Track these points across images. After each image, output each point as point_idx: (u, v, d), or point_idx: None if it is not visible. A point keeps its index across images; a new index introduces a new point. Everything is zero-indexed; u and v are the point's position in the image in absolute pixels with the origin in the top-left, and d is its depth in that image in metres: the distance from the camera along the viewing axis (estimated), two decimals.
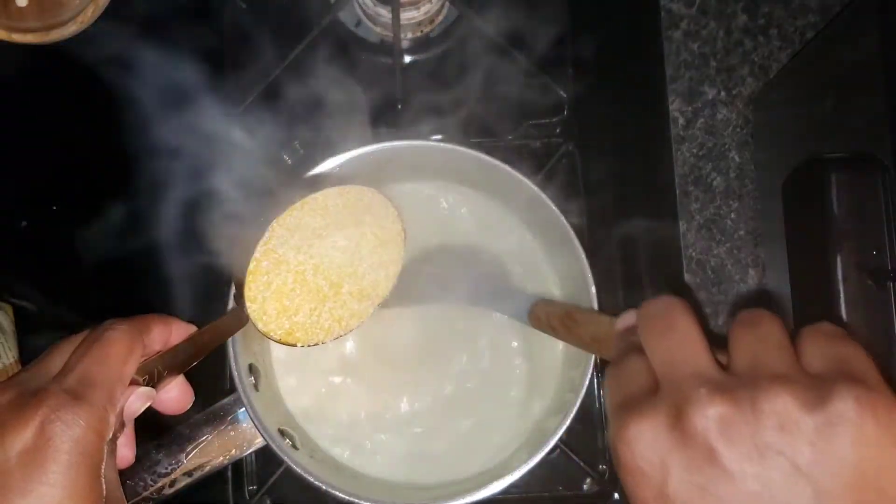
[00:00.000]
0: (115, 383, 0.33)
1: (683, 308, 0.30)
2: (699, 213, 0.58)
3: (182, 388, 0.38)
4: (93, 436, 0.31)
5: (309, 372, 0.52)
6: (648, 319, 0.30)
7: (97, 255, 0.57)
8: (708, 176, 0.59)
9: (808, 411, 0.24)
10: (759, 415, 0.25)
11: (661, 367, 0.28)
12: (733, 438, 0.25)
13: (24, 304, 0.56)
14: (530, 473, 0.44)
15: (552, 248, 0.51)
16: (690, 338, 0.28)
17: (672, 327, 0.29)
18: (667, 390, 0.27)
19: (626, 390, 0.29)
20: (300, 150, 0.58)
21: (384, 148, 0.47)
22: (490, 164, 0.47)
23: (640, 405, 0.27)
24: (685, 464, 0.25)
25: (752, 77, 0.59)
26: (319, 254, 0.42)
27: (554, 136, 0.57)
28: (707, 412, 0.25)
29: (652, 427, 0.26)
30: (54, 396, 0.31)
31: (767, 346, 0.27)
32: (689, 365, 0.27)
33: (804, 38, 0.59)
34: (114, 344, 0.34)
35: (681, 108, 0.59)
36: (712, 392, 0.26)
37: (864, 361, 0.26)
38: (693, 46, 0.59)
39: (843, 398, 0.24)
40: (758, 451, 0.25)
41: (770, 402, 0.25)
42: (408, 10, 0.56)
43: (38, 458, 0.30)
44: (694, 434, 0.25)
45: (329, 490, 0.44)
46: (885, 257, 0.40)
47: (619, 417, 0.27)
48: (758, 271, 0.58)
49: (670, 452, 0.26)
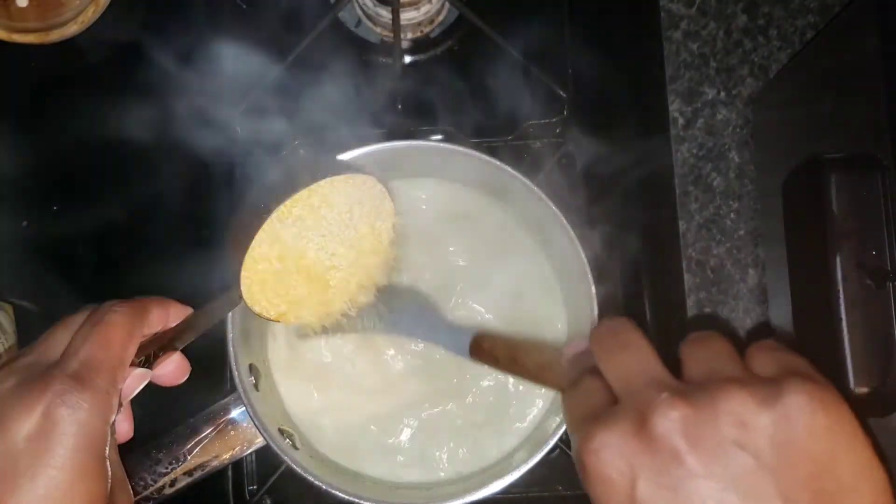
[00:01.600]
0: (116, 367, 0.34)
1: (633, 326, 0.31)
2: (699, 213, 0.59)
3: (178, 364, 0.38)
4: (97, 419, 0.32)
5: (309, 371, 0.52)
6: (601, 338, 0.32)
7: (97, 255, 0.58)
8: (708, 176, 0.59)
9: (763, 407, 0.26)
10: (719, 414, 0.26)
11: (618, 382, 0.29)
12: (697, 438, 0.26)
13: (24, 304, 0.56)
14: (530, 473, 0.44)
15: (552, 248, 0.51)
16: (644, 352, 0.30)
17: (625, 343, 0.30)
18: (627, 400, 0.28)
19: (585, 407, 0.30)
20: (300, 150, 0.58)
21: (384, 148, 0.47)
22: (490, 164, 0.47)
23: (603, 416, 0.28)
24: (652, 467, 0.26)
25: (752, 77, 0.59)
26: (317, 240, 0.42)
27: (554, 136, 0.57)
28: (669, 415, 0.26)
29: (617, 434, 0.27)
30: (59, 381, 0.31)
31: (719, 356, 0.29)
32: (646, 375, 0.29)
33: (804, 38, 0.59)
34: (115, 328, 0.34)
35: (681, 108, 0.59)
36: (673, 396, 0.27)
37: (808, 365, 0.28)
38: (693, 47, 0.59)
39: (795, 392, 0.26)
40: (721, 449, 0.25)
41: (728, 401, 0.26)
42: (408, 11, 0.56)
43: (44, 442, 0.30)
44: (659, 437, 0.26)
45: (329, 490, 0.44)
46: (884, 257, 0.40)
47: (582, 430, 0.28)
48: (758, 271, 0.58)
49: (637, 457, 0.26)
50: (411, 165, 0.51)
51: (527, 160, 0.57)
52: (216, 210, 0.57)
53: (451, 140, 0.56)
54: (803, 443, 0.25)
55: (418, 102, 0.56)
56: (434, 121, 0.57)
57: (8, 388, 0.32)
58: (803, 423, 0.25)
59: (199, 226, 0.58)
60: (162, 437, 0.45)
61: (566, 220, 0.46)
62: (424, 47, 0.59)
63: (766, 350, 0.29)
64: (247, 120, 0.57)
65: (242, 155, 0.57)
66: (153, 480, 0.44)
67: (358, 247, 0.43)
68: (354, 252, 0.43)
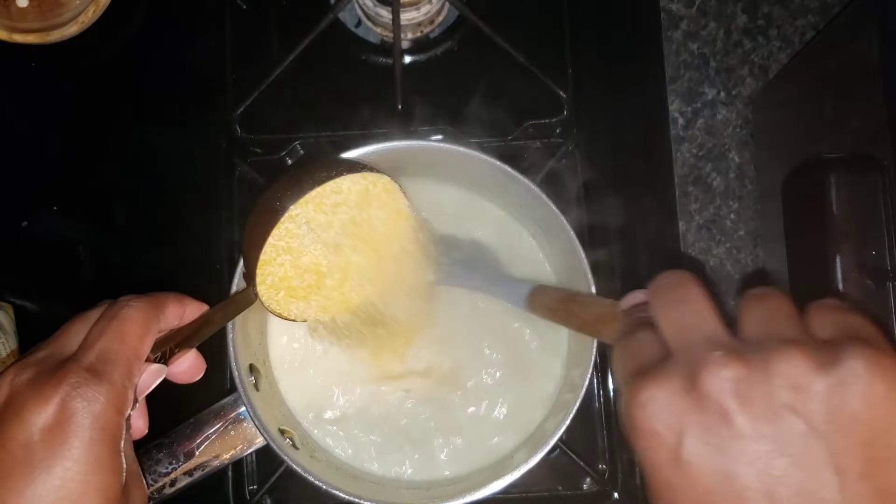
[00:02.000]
0: (133, 361, 0.34)
1: (694, 280, 0.30)
2: (699, 214, 0.59)
3: (194, 361, 0.39)
4: (113, 412, 0.32)
5: (309, 371, 0.52)
6: (660, 291, 0.31)
7: (97, 255, 0.58)
8: (708, 176, 0.59)
9: (819, 372, 0.25)
10: (773, 376, 0.25)
11: (673, 336, 0.29)
12: (748, 399, 0.25)
13: (24, 304, 0.56)
14: (530, 473, 0.44)
15: (552, 247, 0.51)
16: (702, 307, 0.29)
17: (684, 298, 0.29)
18: (680, 356, 0.28)
19: (637, 359, 0.29)
20: (300, 150, 0.58)
21: (384, 148, 0.47)
22: (490, 164, 0.47)
23: (654, 370, 0.27)
24: (700, 425, 0.25)
25: (752, 77, 0.59)
26: (331, 238, 0.42)
27: (554, 136, 0.57)
28: (721, 374, 0.25)
29: (667, 390, 0.26)
30: (75, 374, 0.32)
31: (777, 315, 0.28)
32: (702, 331, 0.28)
33: (804, 39, 0.59)
34: (132, 322, 0.34)
35: (681, 108, 0.59)
36: (726, 355, 0.26)
37: (871, 328, 0.27)
38: (693, 47, 0.59)
39: (853, 358, 0.25)
40: (772, 412, 0.25)
41: (783, 363, 0.25)
42: (408, 11, 0.56)
43: (60, 434, 0.31)
44: (708, 396, 0.25)
45: (329, 490, 0.44)
46: (884, 257, 0.40)
47: (632, 383, 0.28)
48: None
49: (685, 414, 0.26)
50: (411, 165, 0.51)
51: (527, 160, 0.57)
52: (216, 210, 0.57)
53: (451, 140, 0.56)
54: (858, 410, 0.24)
55: (418, 102, 0.56)
56: (434, 121, 0.57)
57: (24, 380, 0.32)
58: (859, 390, 0.24)
59: (199, 226, 0.58)
60: (162, 437, 0.45)
61: (566, 220, 0.46)
62: (424, 47, 0.59)
63: (827, 310, 0.28)
64: (247, 120, 0.57)
65: (242, 155, 0.57)
66: (153, 480, 0.44)
67: (374, 244, 0.44)
68: (370, 249, 0.44)
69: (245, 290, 0.41)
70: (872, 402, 0.24)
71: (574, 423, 0.44)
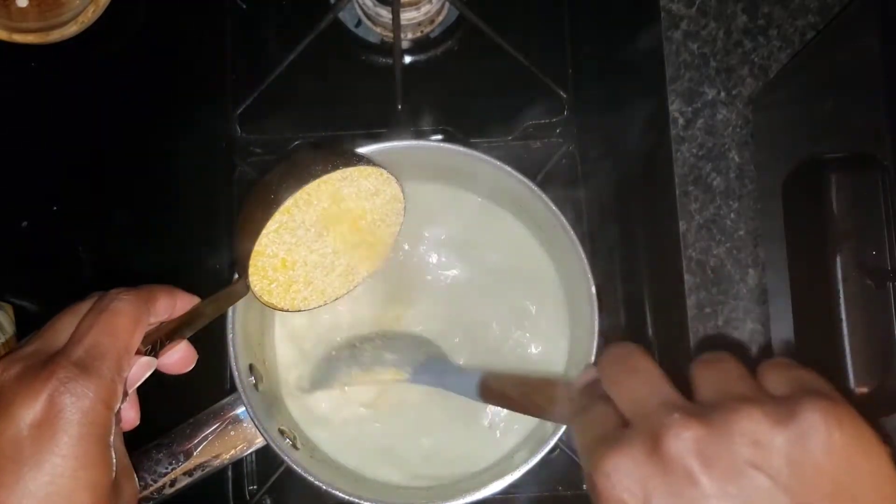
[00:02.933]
0: (122, 354, 0.34)
1: (641, 351, 0.31)
2: (699, 213, 0.58)
3: (184, 352, 0.38)
4: (102, 407, 0.32)
5: (310, 371, 0.52)
6: (610, 364, 0.32)
7: (97, 255, 0.58)
8: (708, 176, 0.59)
9: (778, 427, 0.25)
10: (733, 434, 0.25)
11: (629, 406, 0.29)
12: (711, 459, 0.25)
13: (24, 304, 0.56)
14: (530, 473, 0.44)
15: (552, 248, 0.51)
16: (654, 375, 0.30)
17: (634, 368, 0.30)
18: (639, 422, 0.28)
19: (596, 432, 0.30)
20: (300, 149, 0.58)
21: (384, 148, 0.47)
22: (490, 164, 0.47)
23: (615, 438, 0.28)
24: (666, 489, 0.26)
25: (752, 77, 0.59)
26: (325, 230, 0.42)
27: (554, 136, 0.57)
28: (682, 435, 0.26)
29: (630, 456, 0.27)
30: (63, 368, 0.31)
31: (730, 377, 0.29)
32: (657, 397, 0.28)
33: (804, 39, 0.59)
34: (121, 315, 0.34)
35: (681, 108, 0.59)
36: (685, 416, 0.26)
37: (822, 381, 0.28)
38: (693, 47, 0.59)
39: (809, 411, 0.25)
40: (736, 470, 0.25)
41: (742, 420, 0.26)
42: (408, 11, 0.56)
43: (49, 429, 0.31)
44: (672, 458, 0.26)
45: (329, 490, 0.44)
46: (884, 257, 0.40)
47: (594, 453, 0.28)
48: (758, 271, 0.58)
49: (650, 479, 0.26)
50: (411, 165, 0.51)
51: (527, 160, 0.57)
52: (216, 210, 0.57)
53: (451, 140, 0.56)
54: (820, 461, 0.25)
55: (418, 102, 0.56)
56: (434, 121, 0.57)
57: (12, 375, 0.32)
58: (819, 442, 0.25)
59: (199, 226, 0.58)
60: (162, 437, 0.45)
61: (566, 221, 0.46)
62: (424, 47, 0.59)
63: (778, 368, 0.29)
64: (247, 120, 0.57)
65: (242, 155, 0.57)
66: (153, 480, 0.44)
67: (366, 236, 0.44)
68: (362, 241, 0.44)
69: (237, 281, 0.40)
70: (832, 452, 0.25)
71: None
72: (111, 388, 0.32)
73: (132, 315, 0.34)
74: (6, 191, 0.58)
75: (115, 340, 0.33)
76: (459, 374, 0.48)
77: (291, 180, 0.38)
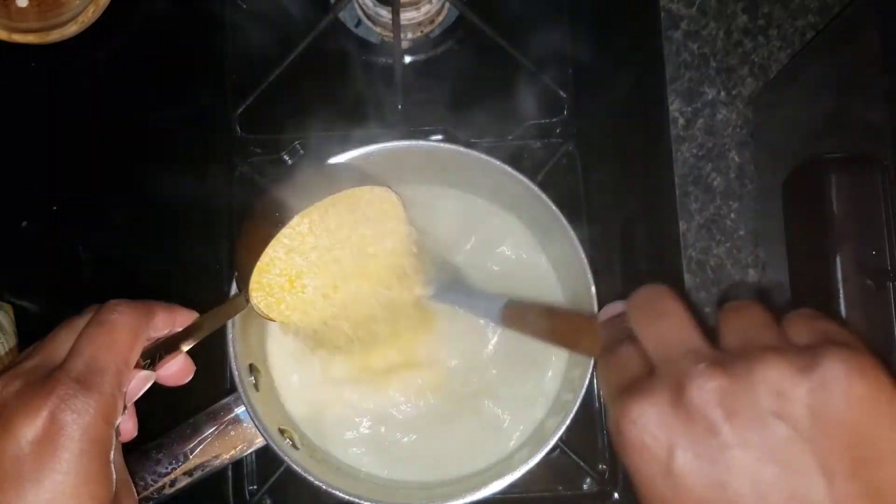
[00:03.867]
0: (122, 369, 0.34)
1: (672, 294, 0.31)
2: (699, 213, 0.58)
3: (182, 364, 0.38)
4: (102, 422, 0.32)
5: (309, 371, 0.52)
6: (639, 306, 0.31)
7: (97, 254, 0.58)
8: (708, 176, 0.59)
9: (801, 377, 0.25)
10: (755, 384, 0.26)
11: (655, 350, 0.29)
12: (733, 409, 0.26)
13: (24, 304, 0.56)
14: (530, 473, 0.44)
15: (552, 248, 0.51)
16: (682, 320, 0.29)
17: (663, 312, 0.30)
18: (664, 370, 0.28)
19: (622, 375, 0.30)
20: (300, 150, 0.58)
21: (384, 148, 0.47)
22: (490, 164, 0.47)
23: (640, 386, 0.28)
24: (689, 437, 0.26)
25: (752, 77, 0.59)
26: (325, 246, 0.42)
27: (554, 136, 0.57)
28: (706, 385, 0.26)
29: (655, 405, 0.27)
30: (64, 385, 0.31)
31: (755, 325, 0.29)
32: (683, 345, 0.28)
33: (804, 38, 0.59)
34: (120, 329, 0.34)
35: (681, 108, 0.59)
36: (709, 367, 0.27)
37: (846, 333, 0.28)
38: (693, 46, 0.59)
39: (832, 361, 0.25)
40: (758, 420, 0.25)
41: (764, 370, 0.26)
42: (408, 11, 0.56)
43: (50, 446, 0.30)
44: (695, 408, 0.26)
45: (329, 490, 0.44)
46: (884, 257, 0.40)
47: (619, 400, 0.28)
48: (758, 271, 0.58)
49: (674, 428, 0.26)
50: (411, 165, 0.51)
51: (527, 160, 0.57)
52: (216, 210, 0.57)
53: (451, 140, 0.56)
54: (841, 412, 0.25)
55: (418, 102, 0.56)
56: (434, 121, 0.57)
57: (12, 391, 0.32)
58: (841, 392, 0.25)
59: (199, 226, 0.58)
60: (162, 437, 0.45)
61: (566, 220, 0.46)
62: (424, 47, 0.59)
63: (803, 318, 0.29)
64: (247, 120, 0.57)
65: (242, 155, 0.57)
66: (153, 480, 0.44)
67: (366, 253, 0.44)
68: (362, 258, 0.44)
69: (236, 296, 0.41)
70: (854, 402, 0.25)
71: (574, 423, 0.44)
72: (111, 403, 0.32)
73: (131, 329, 0.34)
74: (6, 191, 0.58)
75: (114, 355, 0.33)
76: (484, 297, 0.46)
77: (296, 199, 0.38)
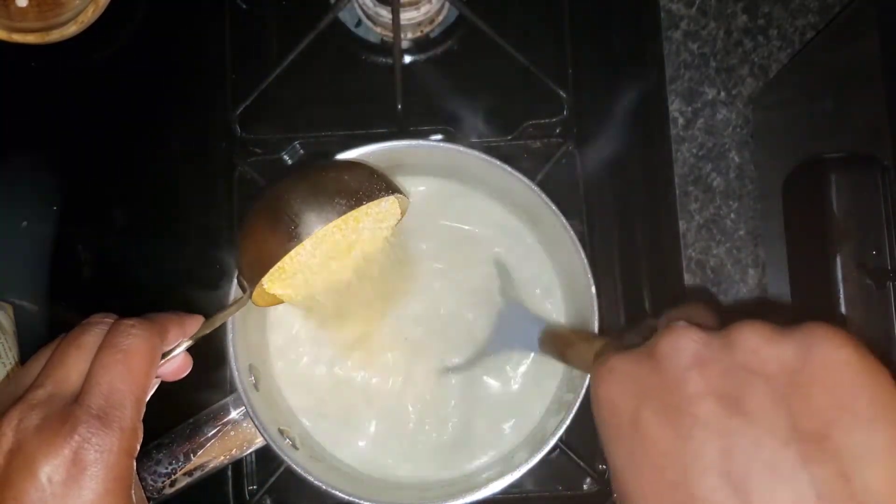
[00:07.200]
0: (141, 397, 0.33)
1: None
2: (699, 213, 0.59)
3: (181, 360, 0.38)
4: (125, 458, 0.32)
5: (310, 371, 0.52)
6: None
7: (97, 254, 0.58)
8: (708, 176, 0.59)
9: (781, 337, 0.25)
10: (733, 341, 0.26)
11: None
12: (705, 360, 0.26)
13: (24, 304, 0.56)
14: (530, 473, 0.44)
15: (552, 248, 0.51)
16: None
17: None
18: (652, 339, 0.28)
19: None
20: (300, 150, 0.58)
21: (384, 148, 0.47)
22: (490, 164, 0.47)
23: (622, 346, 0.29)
24: (658, 389, 0.26)
25: (752, 77, 0.59)
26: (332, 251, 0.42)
27: (554, 136, 0.57)
28: (681, 339, 0.26)
29: (629, 359, 0.28)
30: (85, 424, 0.31)
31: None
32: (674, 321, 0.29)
33: (804, 38, 0.59)
34: (135, 354, 0.33)
35: (681, 108, 0.59)
36: (688, 325, 0.27)
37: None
38: (693, 46, 0.59)
39: (815, 328, 0.25)
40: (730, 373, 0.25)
41: (743, 330, 0.26)
42: (408, 11, 0.56)
43: (74, 487, 0.30)
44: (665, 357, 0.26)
45: (329, 490, 0.44)
46: (884, 257, 0.40)
47: (601, 357, 0.29)
48: (758, 271, 0.58)
49: (644, 379, 0.27)
50: (411, 165, 0.51)
51: (527, 160, 0.57)
52: (216, 210, 0.57)
53: (451, 140, 0.56)
54: (820, 374, 0.24)
55: (418, 102, 0.56)
56: (434, 121, 0.57)
57: (31, 427, 0.31)
58: (821, 356, 0.24)
59: (199, 226, 0.58)
60: (162, 438, 0.45)
61: (566, 221, 0.46)
62: (424, 47, 0.59)
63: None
64: (247, 120, 0.57)
65: (242, 155, 0.57)
66: (153, 480, 0.44)
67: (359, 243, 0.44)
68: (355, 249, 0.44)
69: (239, 299, 0.40)
70: (834, 366, 0.24)
71: (574, 423, 0.44)
72: (133, 436, 0.32)
73: (148, 354, 0.34)
74: (6, 191, 0.58)
75: (132, 385, 0.33)
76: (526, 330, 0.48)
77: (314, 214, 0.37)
